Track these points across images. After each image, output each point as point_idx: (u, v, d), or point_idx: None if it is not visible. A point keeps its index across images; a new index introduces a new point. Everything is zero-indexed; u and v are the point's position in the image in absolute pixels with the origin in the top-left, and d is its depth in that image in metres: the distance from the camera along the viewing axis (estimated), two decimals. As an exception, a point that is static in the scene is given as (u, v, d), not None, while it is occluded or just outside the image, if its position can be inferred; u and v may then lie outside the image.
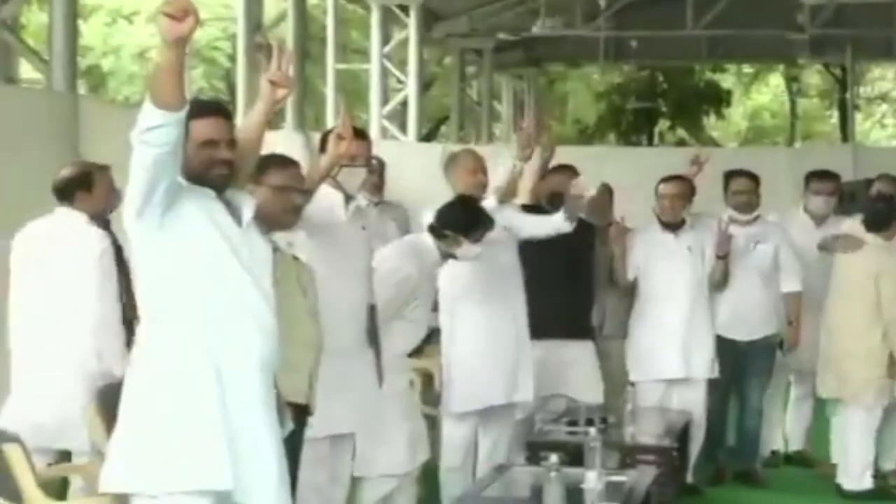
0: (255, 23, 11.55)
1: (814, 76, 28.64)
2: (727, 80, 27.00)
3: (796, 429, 7.66)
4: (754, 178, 7.14)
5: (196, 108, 3.46)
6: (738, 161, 7.84)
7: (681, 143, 24.69)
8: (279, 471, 3.62)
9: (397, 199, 8.51)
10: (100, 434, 4.38)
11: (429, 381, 6.48)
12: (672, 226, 6.88)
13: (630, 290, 6.97)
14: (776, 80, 29.46)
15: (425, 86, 17.71)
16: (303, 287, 4.56)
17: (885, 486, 6.91)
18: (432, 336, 6.01)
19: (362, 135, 5.14)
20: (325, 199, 4.88)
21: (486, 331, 5.96)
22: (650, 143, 25.40)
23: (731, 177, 7.16)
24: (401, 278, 5.39)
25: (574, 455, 4.84)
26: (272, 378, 3.67)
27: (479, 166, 6.01)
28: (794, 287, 7.06)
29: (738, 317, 6.95)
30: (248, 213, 3.64)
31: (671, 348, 6.79)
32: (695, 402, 6.81)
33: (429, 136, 20.89)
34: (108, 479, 3.55)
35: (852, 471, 6.77)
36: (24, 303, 5.40)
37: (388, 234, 5.87)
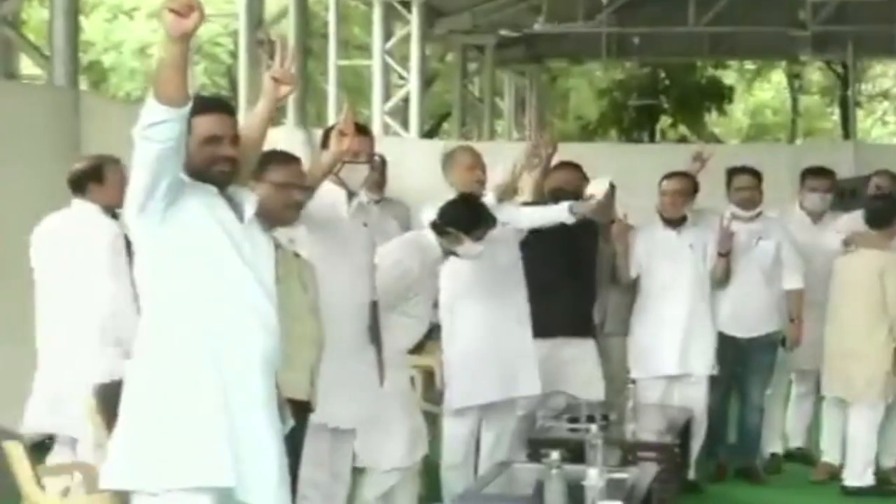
0: (256, 19, 11.54)
1: (815, 73, 28.65)
2: (729, 77, 27.00)
3: (797, 426, 7.65)
4: (757, 175, 7.13)
5: (199, 105, 3.45)
6: (739, 158, 7.82)
7: (682, 140, 24.66)
8: (280, 468, 3.61)
9: (398, 197, 8.49)
10: (100, 431, 4.38)
11: (430, 378, 6.48)
12: (674, 223, 6.87)
13: (632, 288, 6.96)
14: (778, 76, 29.47)
15: (427, 82, 17.69)
16: (304, 283, 4.56)
17: (887, 483, 6.90)
18: (433, 332, 6.01)
19: (365, 131, 5.14)
20: (328, 196, 4.87)
21: (486, 328, 5.95)
22: (652, 139, 25.38)
23: (733, 173, 7.14)
24: (401, 271, 5.38)
25: (575, 452, 4.83)
26: (274, 375, 3.66)
27: (477, 163, 6.01)
28: (797, 284, 7.05)
29: (740, 314, 6.94)
30: (250, 209, 3.63)
31: (672, 345, 6.78)
32: (696, 398, 6.80)
33: (431, 132, 20.89)
34: (109, 476, 3.54)
35: (854, 467, 6.77)
36: (44, 294, 5.54)
37: (390, 232, 5.86)
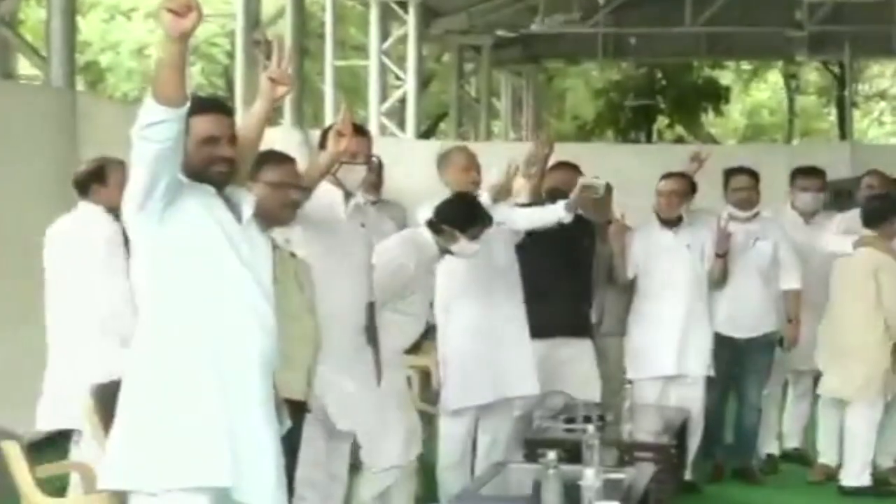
0: (253, 19, 11.56)
1: (812, 73, 28.64)
2: (726, 77, 26.99)
3: (794, 427, 7.65)
4: (754, 176, 7.13)
5: (197, 105, 3.45)
6: (736, 158, 7.83)
7: (679, 141, 24.65)
8: (277, 469, 3.61)
9: (395, 198, 8.50)
10: (98, 431, 4.38)
11: (427, 379, 6.47)
12: (670, 223, 6.88)
13: (628, 288, 6.96)
14: (775, 77, 29.45)
15: (424, 82, 17.71)
16: (300, 283, 4.56)
17: (884, 483, 6.91)
18: (430, 332, 6.01)
19: (362, 132, 5.13)
20: (325, 197, 4.87)
21: (482, 328, 5.95)
22: (649, 140, 25.37)
23: (731, 174, 7.15)
24: (397, 268, 5.37)
25: (572, 452, 4.82)
26: (272, 376, 3.66)
27: (472, 163, 6.02)
28: (794, 284, 7.05)
29: (737, 314, 6.94)
30: (247, 209, 3.63)
31: (668, 345, 6.78)
32: (692, 399, 6.80)
33: (427, 132, 20.89)
34: (107, 476, 3.54)
35: (852, 467, 6.77)
36: (52, 294, 5.64)
37: (386, 233, 5.87)
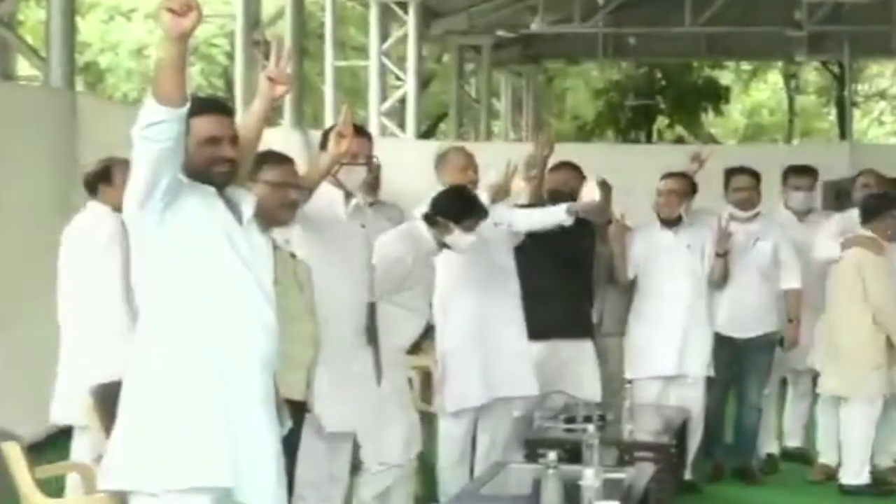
0: (253, 20, 11.56)
1: (812, 73, 28.63)
2: (726, 77, 26.98)
3: (795, 426, 7.66)
4: (755, 176, 7.13)
5: (198, 106, 3.45)
6: (736, 158, 7.82)
7: (679, 141, 24.63)
8: (278, 469, 3.61)
9: (395, 198, 8.49)
10: (98, 431, 4.38)
11: (427, 379, 6.48)
12: (671, 223, 6.88)
13: (629, 288, 6.96)
14: (774, 77, 29.44)
15: (424, 83, 17.71)
16: (300, 284, 4.56)
17: (883, 482, 6.91)
18: (430, 332, 6.01)
19: (363, 133, 5.14)
20: (325, 197, 4.88)
21: (479, 329, 5.94)
22: (649, 140, 25.35)
23: (731, 174, 7.14)
24: (394, 259, 5.36)
25: (572, 452, 4.83)
26: (273, 376, 3.66)
27: (470, 164, 6.04)
28: (794, 284, 7.05)
29: (737, 314, 6.94)
30: (248, 210, 3.62)
31: (668, 346, 6.79)
32: (692, 399, 6.80)
33: (427, 133, 20.88)
34: (108, 477, 3.54)
35: (851, 465, 6.77)
36: (62, 293, 5.71)
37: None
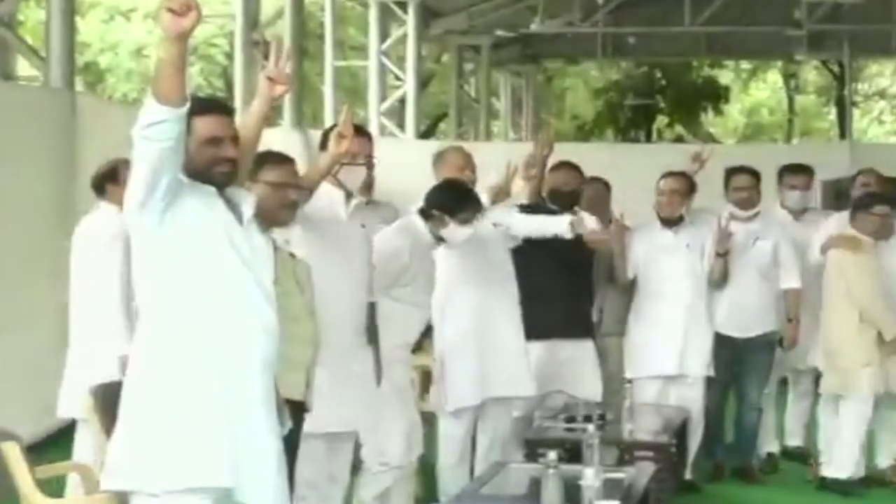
0: (252, 20, 11.56)
1: (811, 73, 28.63)
2: (725, 77, 26.98)
3: (796, 425, 7.66)
4: (755, 175, 7.12)
5: (198, 106, 3.45)
6: (736, 158, 7.81)
7: (679, 140, 24.64)
8: (279, 470, 3.61)
9: (396, 198, 8.48)
10: (98, 431, 4.38)
11: (428, 379, 6.47)
12: (671, 222, 6.88)
13: (629, 288, 6.96)
14: (774, 76, 29.45)
15: (423, 83, 17.71)
16: (300, 284, 4.56)
17: (881, 480, 6.91)
18: (430, 331, 6.00)
19: (363, 132, 5.15)
20: (326, 197, 4.88)
21: (476, 329, 5.94)
22: (648, 139, 25.35)
23: (732, 173, 7.14)
24: (391, 251, 5.36)
25: (572, 452, 4.83)
26: (273, 376, 3.66)
27: (468, 163, 6.04)
28: (794, 284, 7.04)
29: (737, 313, 6.94)
30: (248, 210, 3.63)
31: (668, 345, 6.78)
32: (692, 399, 6.80)
33: (427, 133, 20.89)
34: (109, 477, 3.54)
35: (836, 460, 6.76)
36: (73, 292, 5.77)
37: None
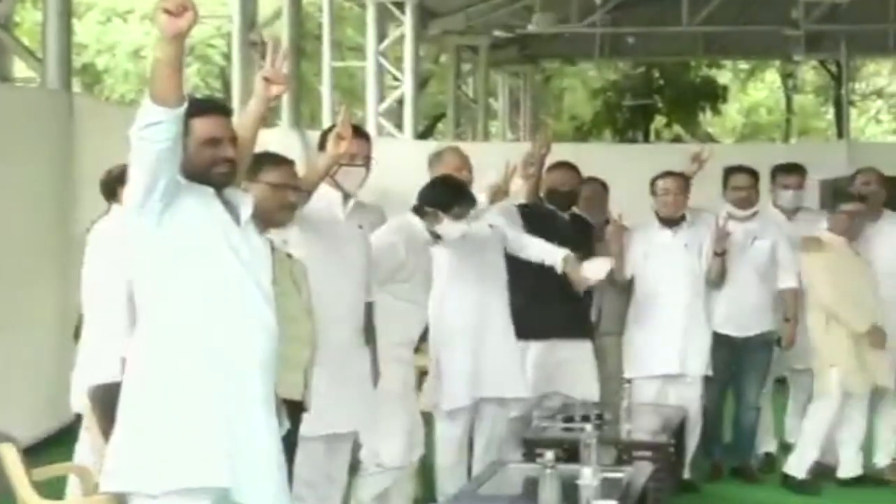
0: (250, 20, 11.56)
1: (809, 72, 28.64)
2: (723, 77, 27.01)
3: (795, 424, 7.64)
4: (754, 175, 7.13)
5: (196, 106, 3.46)
6: (734, 157, 7.81)
7: (677, 140, 24.66)
8: (278, 470, 3.61)
9: (390, 200, 8.47)
10: (96, 432, 4.38)
11: (423, 379, 6.47)
12: (670, 222, 6.88)
13: (627, 288, 6.96)
14: (772, 76, 29.48)
15: (421, 83, 17.71)
16: (297, 284, 4.57)
17: (880, 479, 6.92)
18: (427, 333, 6.00)
19: (361, 133, 5.14)
20: (324, 198, 4.88)
21: (471, 328, 5.93)
22: (646, 139, 25.37)
23: (730, 173, 7.14)
24: (387, 246, 5.36)
25: (570, 452, 4.84)
26: (272, 377, 3.65)
27: (464, 164, 6.04)
28: (792, 283, 7.03)
29: (735, 313, 6.94)
30: (246, 211, 3.63)
31: (666, 345, 6.78)
32: (691, 399, 6.80)
33: (425, 133, 20.89)
34: (108, 478, 3.54)
35: (795, 457, 6.81)
36: (84, 292, 5.85)
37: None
